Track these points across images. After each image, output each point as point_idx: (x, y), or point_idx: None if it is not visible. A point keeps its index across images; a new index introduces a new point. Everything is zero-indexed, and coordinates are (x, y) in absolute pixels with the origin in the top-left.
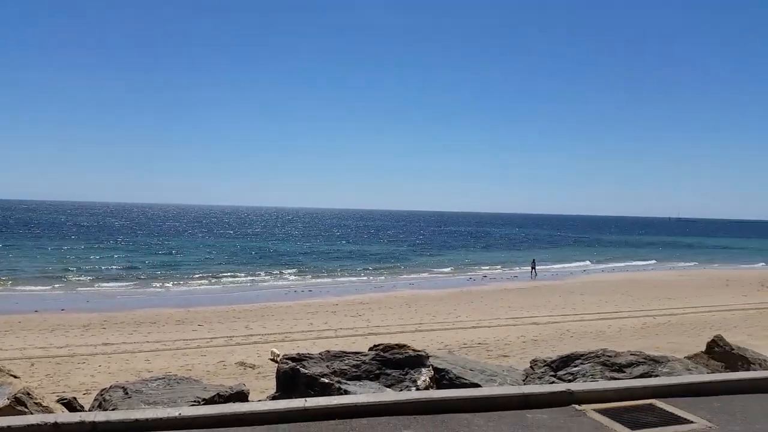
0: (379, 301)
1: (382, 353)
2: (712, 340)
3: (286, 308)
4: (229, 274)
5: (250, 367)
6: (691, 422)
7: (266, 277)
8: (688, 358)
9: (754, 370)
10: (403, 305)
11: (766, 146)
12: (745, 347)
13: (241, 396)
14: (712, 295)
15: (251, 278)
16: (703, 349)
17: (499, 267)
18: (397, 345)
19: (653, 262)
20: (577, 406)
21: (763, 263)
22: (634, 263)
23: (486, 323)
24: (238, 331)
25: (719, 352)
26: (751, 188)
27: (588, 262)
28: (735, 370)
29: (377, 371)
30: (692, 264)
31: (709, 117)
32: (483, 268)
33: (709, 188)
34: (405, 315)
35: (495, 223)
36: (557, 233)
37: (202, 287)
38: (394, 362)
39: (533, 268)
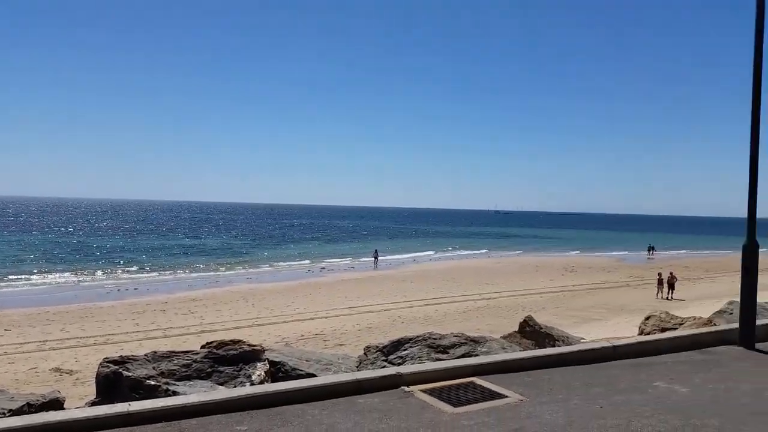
0: (215, 296)
1: (215, 350)
2: (524, 321)
3: (109, 308)
4: (42, 273)
5: (68, 373)
6: (506, 396)
7: (86, 276)
8: (504, 337)
9: (559, 346)
10: (240, 300)
11: (572, 147)
12: (552, 326)
13: (56, 404)
14: (524, 280)
15: (69, 277)
16: (517, 329)
17: (339, 258)
18: (231, 341)
19: (484, 251)
20: (405, 388)
21: (578, 251)
22: (462, 252)
23: (323, 314)
24: (52, 335)
25: (530, 331)
26: (558, 184)
27: (431, 252)
28: (543, 346)
29: (209, 369)
30: (511, 253)
31: (521, 119)
32: (326, 260)
33: (525, 183)
34: (242, 310)
35: (338, 216)
36: (397, 225)
37: (9, 288)
38: (227, 359)
39: (375, 258)
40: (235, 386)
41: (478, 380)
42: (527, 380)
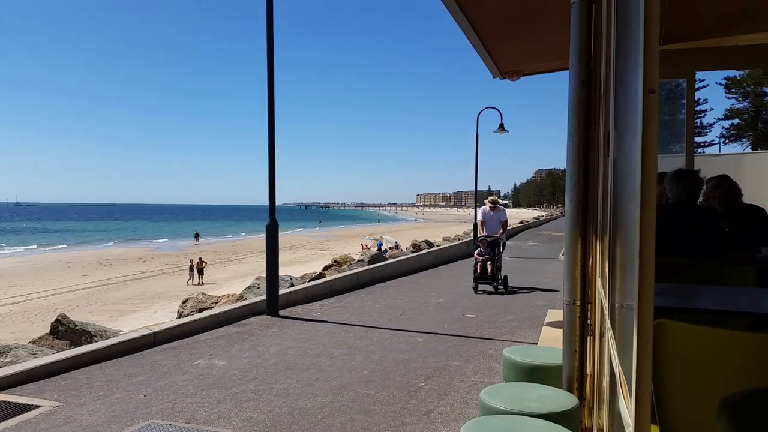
0: None
1: None
2: (56, 321)
3: None
4: None
5: None
6: (39, 406)
7: None
8: (33, 342)
9: (97, 342)
10: None
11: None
12: (88, 322)
13: None
14: (55, 278)
15: None
16: (49, 331)
17: None
18: None
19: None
20: None
21: (112, 243)
22: None
23: None
24: None
25: (63, 330)
26: (83, 173)
27: None
28: (80, 345)
29: None
30: (33, 247)
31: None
32: None
33: (48, 172)
34: None
35: None
36: None
37: None
38: None
39: None
40: None
41: (3, 395)
42: (63, 383)
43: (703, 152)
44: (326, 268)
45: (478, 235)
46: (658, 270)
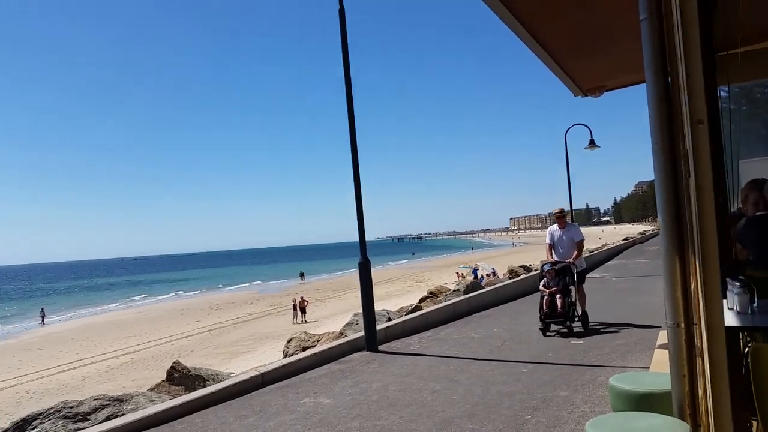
0: None
1: None
2: (171, 367)
3: None
4: None
5: None
6: None
7: None
8: (152, 389)
9: (210, 385)
10: None
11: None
12: (201, 367)
13: None
14: (169, 326)
15: None
16: (165, 378)
17: None
18: None
19: (115, 303)
20: None
21: (221, 287)
22: (97, 308)
23: None
24: None
25: (178, 377)
26: (171, 226)
27: (66, 313)
28: (194, 390)
29: None
30: (148, 300)
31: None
32: None
33: (160, 228)
34: None
35: None
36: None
37: None
38: None
39: (42, 317)
40: None
41: None
42: (180, 428)
43: None
44: (422, 300)
45: (545, 262)
46: (762, 286)
